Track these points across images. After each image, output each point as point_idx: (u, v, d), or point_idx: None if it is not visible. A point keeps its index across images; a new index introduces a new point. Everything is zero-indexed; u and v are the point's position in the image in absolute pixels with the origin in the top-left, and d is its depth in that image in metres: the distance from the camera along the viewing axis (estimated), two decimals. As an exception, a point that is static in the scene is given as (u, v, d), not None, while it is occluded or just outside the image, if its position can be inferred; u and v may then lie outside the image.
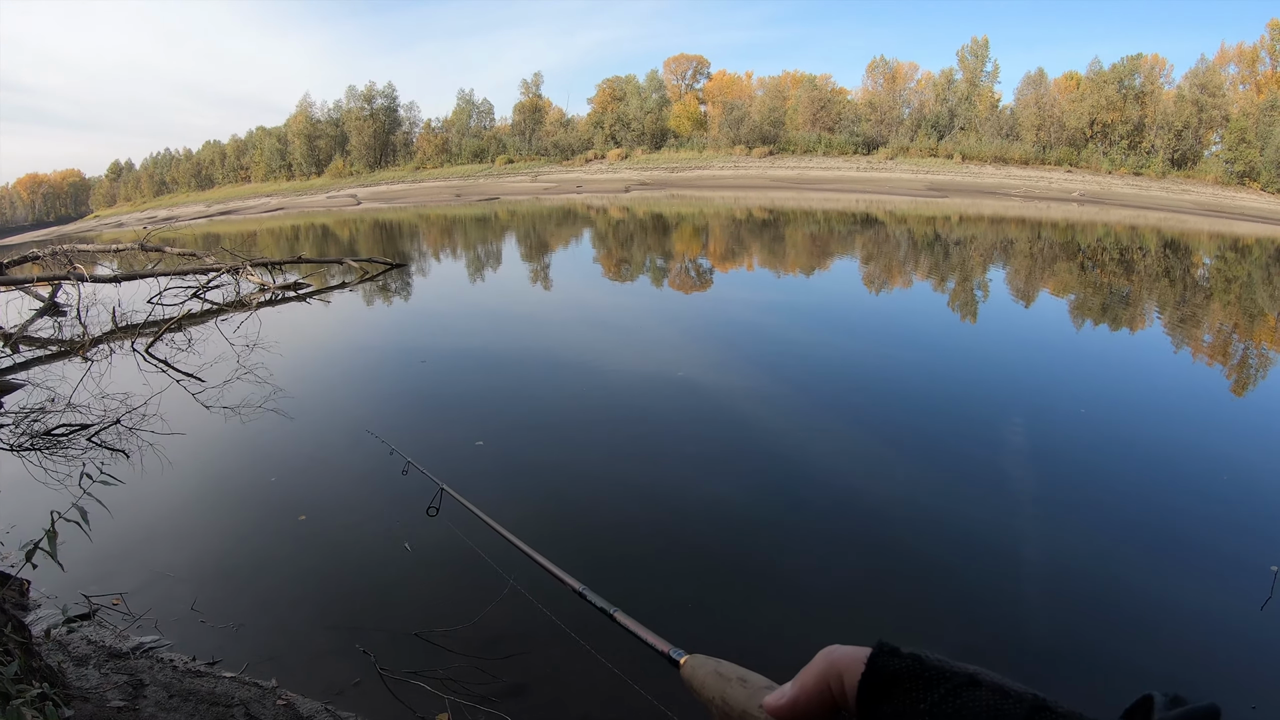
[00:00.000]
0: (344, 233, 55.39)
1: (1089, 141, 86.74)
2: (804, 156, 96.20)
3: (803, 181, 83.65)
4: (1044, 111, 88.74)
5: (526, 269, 31.00)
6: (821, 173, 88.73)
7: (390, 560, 7.46)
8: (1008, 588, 6.75)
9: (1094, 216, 51.40)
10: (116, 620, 6.47)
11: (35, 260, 24.72)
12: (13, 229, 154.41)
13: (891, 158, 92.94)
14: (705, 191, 78.02)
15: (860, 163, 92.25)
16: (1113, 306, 20.73)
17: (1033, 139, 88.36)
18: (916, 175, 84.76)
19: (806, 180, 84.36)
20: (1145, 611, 6.44)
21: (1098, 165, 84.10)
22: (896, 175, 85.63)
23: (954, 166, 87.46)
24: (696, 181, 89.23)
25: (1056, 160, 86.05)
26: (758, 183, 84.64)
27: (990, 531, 7.77)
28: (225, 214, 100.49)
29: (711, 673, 0.83)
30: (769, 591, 6.80)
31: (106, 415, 11.60)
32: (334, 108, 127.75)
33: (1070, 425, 10.90)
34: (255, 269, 23.92)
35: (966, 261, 29.69)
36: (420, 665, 5.67)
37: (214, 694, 5.34)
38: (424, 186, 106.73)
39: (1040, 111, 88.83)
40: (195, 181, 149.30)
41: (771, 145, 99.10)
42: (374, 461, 10.12)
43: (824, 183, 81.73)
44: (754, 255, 32.93)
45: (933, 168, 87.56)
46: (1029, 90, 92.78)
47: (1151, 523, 7.98)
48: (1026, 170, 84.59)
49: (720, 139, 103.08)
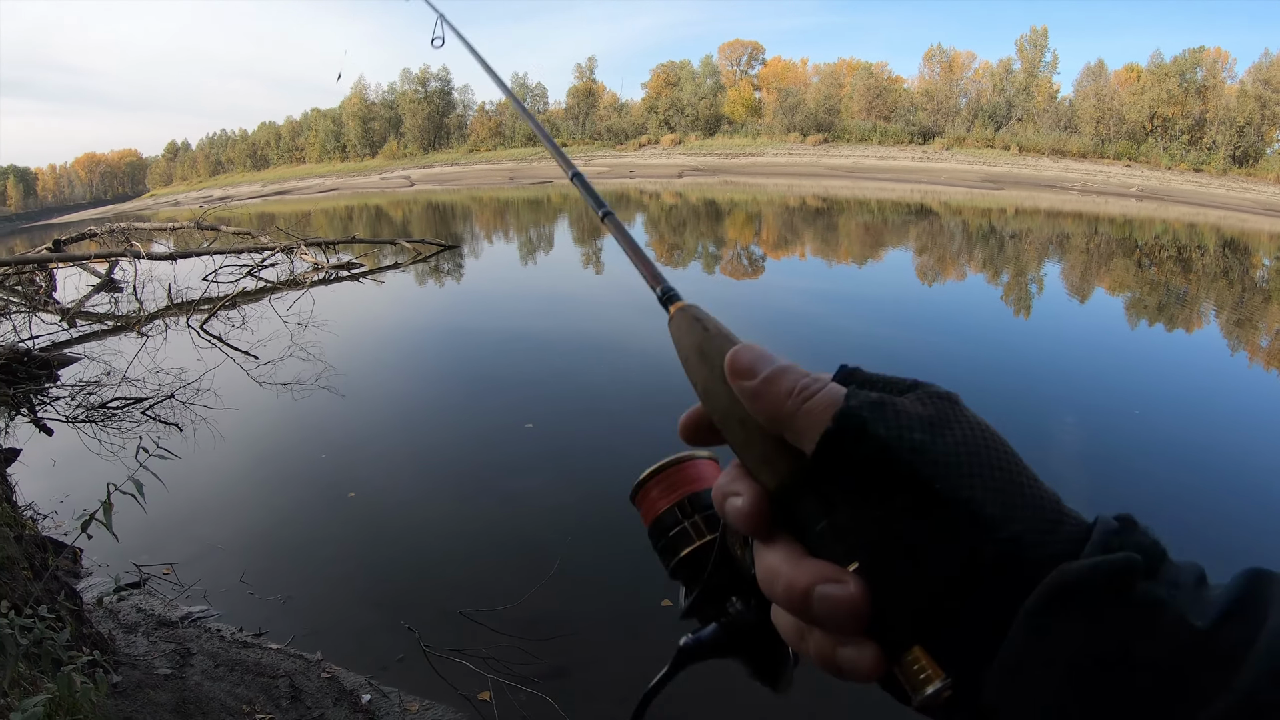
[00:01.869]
0: (397, 214, 55.74)
1: (1148, 136, 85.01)
2: (859, 145, 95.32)
3: (857, 170, 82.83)
4: (1103, 104, 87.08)
5: (578, 253, 31.01)
6: (876, 162, 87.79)
7: (437, 539, 7.49)
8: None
9: (1152, 213, 50.52)
10: (166, 590, 6.54)
11: (93, 237, 25.03)
12: (70, 207, 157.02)
13: (947, 148, 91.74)
14: (758, 179, 77.50)
15: (915, 152, 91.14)
16: (1169, 306, 20.36)
17: (1091, 132, 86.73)
18: (972, 166, 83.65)
19: (861, 169, 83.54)
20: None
21: (1157, 160, 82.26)
22: (952, 166, 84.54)
23: (1010, 158, 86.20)
24: (750, 168, 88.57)
25: (1115, 154, 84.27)
26: (812, 171, 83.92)
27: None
28: (280, 194, 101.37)
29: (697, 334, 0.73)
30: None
31: (161, 390, 11.72)
32: (388, 90, 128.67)
33: (1123, 427, 10.68)
34: (309, 248, 24.08)
35: (1021, 255, 29.29)
36: (464, 644, 5.66)
37: (260, 664, 5.38)
38: (477, 169, 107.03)
39: (1099, 104, 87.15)
40: (250, 162, 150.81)
41: (826, 133, 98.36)
42: (424, 442, 10.18)
43: (878, 172, 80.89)
44: (806, 244, 32.74)
45: (989, 159, 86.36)
46: (1088, 82, 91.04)
47: (1205, 532, 7.77)
48: (1084, 164, 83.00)
49: (775, 126, 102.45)
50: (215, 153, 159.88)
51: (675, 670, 0.86)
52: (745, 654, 0.80)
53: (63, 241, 24.24)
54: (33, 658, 3.80)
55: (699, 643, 0.82)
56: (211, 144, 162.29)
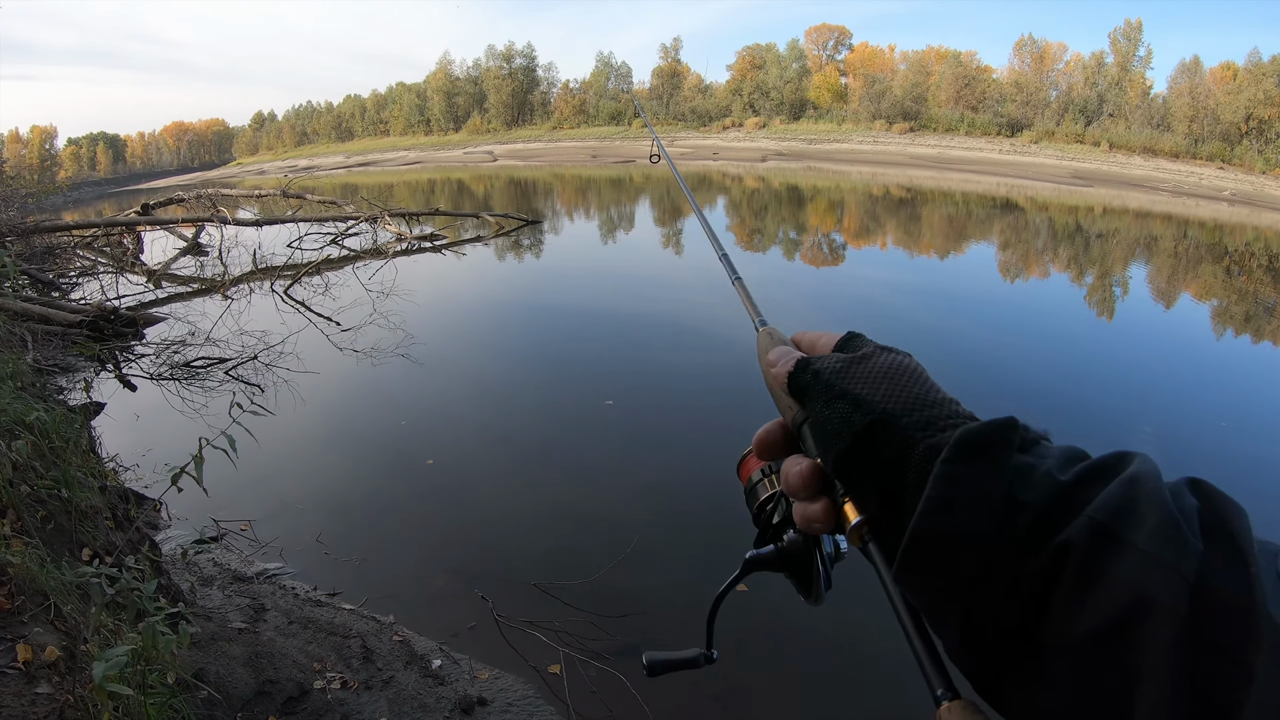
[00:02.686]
0: (479, 188, 56.12)
1: (1244, 138, 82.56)
2: (945, 135, 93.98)
3: (942, 161, 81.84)
4: (1197, 102, 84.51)
5: (658, 234, 30.96)
6: (962, 153, 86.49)
7: (514, 512, 7.48)
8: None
9: (1244, 219, 49.19)
10: (243, 546, 6.62)
11: (180, 202, 25.54)
12: (158, 173, 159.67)
13: (1035, 141, 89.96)
14: (842, 165, 76.92)
15: (1003, 145, 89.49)
16: (1257, 316, 19.82)
17: (1184, 131, 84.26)
18: (1061, 162, 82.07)
19: (946, 160, 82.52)
20: None
21: (1252, 164, 79.58)
22: (1040, 160, 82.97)
23: (1100, 155, 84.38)
24: (834, 155, 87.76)
25: (1208, 155, 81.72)
26: (896, 159, 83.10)
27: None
28: (364, 165, 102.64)
29: (764, 349, 1.04)
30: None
31: (244, 351, 11.91)
32: (473, 66, 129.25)
33: (1209, 439, 10.37)
34: (392, 219, 24.29)
35: (1107, 256, 28.69)
36: (537, 616, 5.66)
37: (332, 624, 5.42)
38: (560, 146, 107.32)
39: (1193, 102, 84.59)
40: (335, 133, 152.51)
41: (912, 122, 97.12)
42: (501, 414, 10.21)
43: (964, 163, 79.81)
44: (888, 233, 32.40)
45: (1078, 154, 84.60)
46: (1182, 79, 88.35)
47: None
48: (1176, 164, 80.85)
49: (860, 113, 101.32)
50: (301, 124, 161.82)
51: (742, 575, 1.17)
52: (790, 570, 1.10)
53: (151, 206, 24.74)
54: (114, 607, 3.81)
55: (759, 556, 1.12)
56: (297, 115, 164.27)
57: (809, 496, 0.87)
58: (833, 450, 0.82)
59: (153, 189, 70.92)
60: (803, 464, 0.88)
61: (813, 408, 0.87)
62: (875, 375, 0.85)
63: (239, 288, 16.98)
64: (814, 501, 0.87)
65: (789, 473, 0.89)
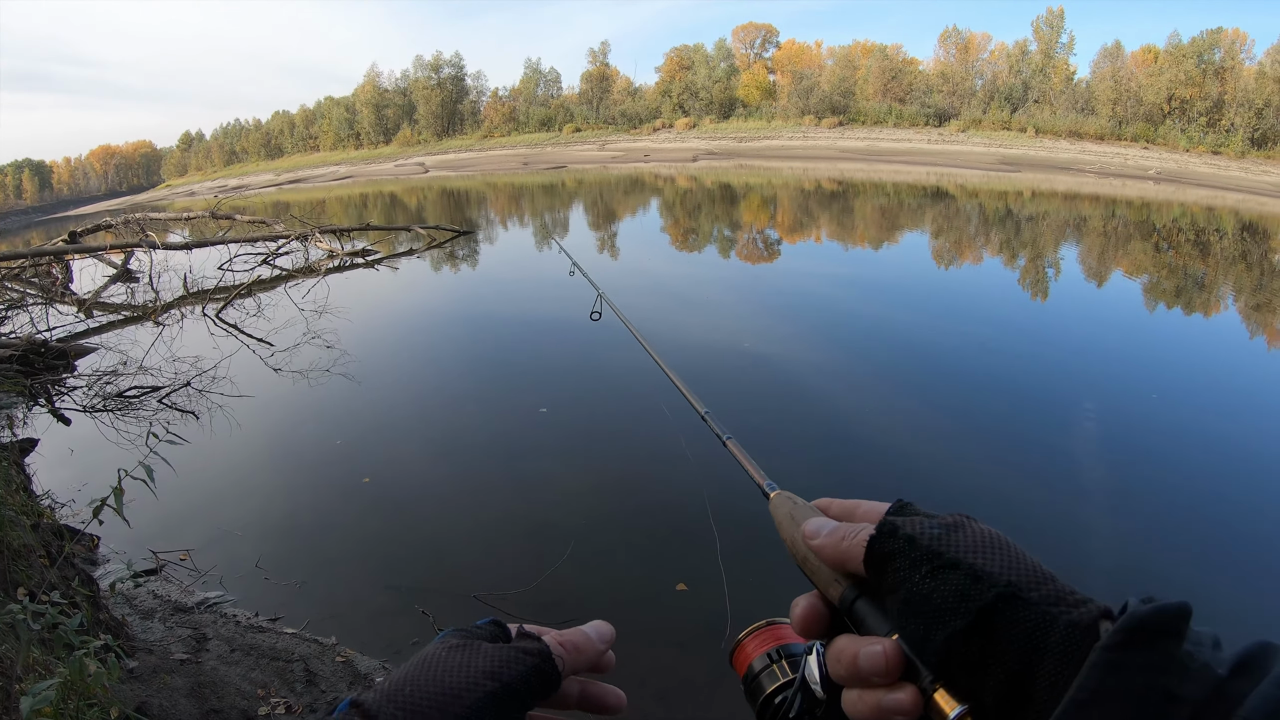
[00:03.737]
0: (412, 200, 55.82)
1: (1166, 118, 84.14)
2: (874, 128, 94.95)
3: (872, 153, 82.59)
4: (1120, 86, 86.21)
5: (594, 237, 30.99)
6: (892, 144, 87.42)
7: (451, 524, 7.53)
8: (1070, 577, 6.60)
9: (1170, 196, 50.16)
10: (183, 576, 6.59)
11: (108, 229, 25.22)
12: (86, 199, 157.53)
13: (963, 130, 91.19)
14: (773, 162, 77.38)
15: (931, 135, 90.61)
16: (1187, 290, 20.23)
17: (1108, 114, 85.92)
18: (989, 149, 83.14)
19: (876, 152, 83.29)
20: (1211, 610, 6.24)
21: (1175, 143, 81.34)
22: (968, 148, 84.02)
23: (1027, 140, 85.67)
24: (765, 151, 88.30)
25: (1133, 136, 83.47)
26: (827, 154, 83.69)
27: (1053, 515, 7.64)
28: (294, 182, 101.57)
29: (786, 514, 0.97)
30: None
31: (177, 378, 11.81)
32: (401, 77, 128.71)
33: (1140, 410, 10.64)
34: (324, 236, 24.15)
35: (1038, 238, 29.16)
36: (478, 628, 5.63)
37: (275, 649, 5.42)
38: (491, 155, 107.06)
39: (1116, 85, 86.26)
40: (265, 151, 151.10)
41: (841, 116, 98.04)
42: (438, 427, 10.25)
43: (894, 155, 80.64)
44: (822, 227, 32.66)
45: (1005, 141, 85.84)
46: (1105, 63, 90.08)
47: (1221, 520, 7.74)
48: (1101, 146, 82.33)
49: (789, 109, 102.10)
50: (229, 142, 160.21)
51: None
52: None
53: (79, 233, 24.37)
54: (47, 643, 3.81)
55: None
56: (225, 134, 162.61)
57: (888, 683, 0.74)
58: (944, 628, 0.70)
59: (81, 215, 70.16)
60: (880, 644, 0.75)
61: (906, 579, 0.75)
62: (983, 544, 0.75)
63: (171, 313, 16.81)
64: (897, 690, 0.74)
65: (856, 655, 0.76)
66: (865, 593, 0.81)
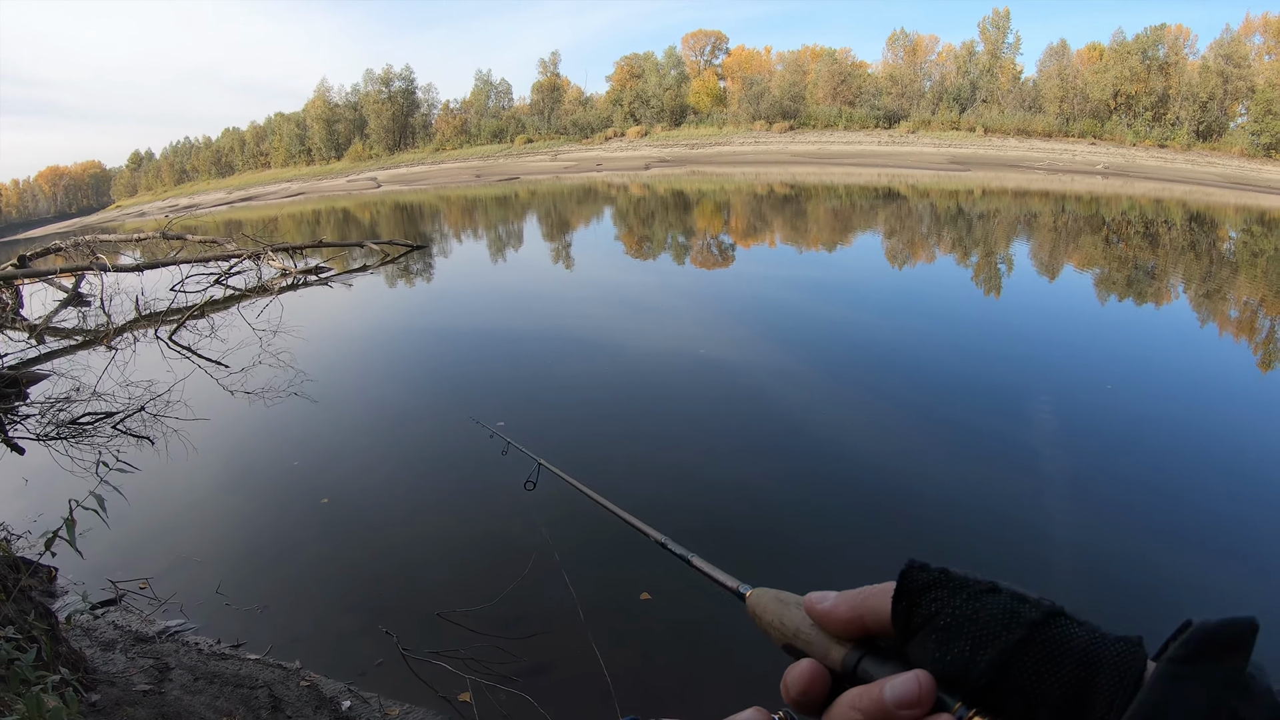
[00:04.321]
0: (365, 216, 55.58)
1: (1113, 113, 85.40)
2: (825, 131, 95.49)
3: (824, 156, 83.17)
4: (1067, 83, 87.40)
5: (548, 248, 31.05)
6: (843, 147, 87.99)
7: (412, 542, 7.51)
8: (1035, 566, 6.72)
9: (1118, 189, 50.89)
10: (143, 605, 6.53)
11: (58, 252, 24.86)
12: (35, 221, 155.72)
13: (913, 131, 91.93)
14: (726, 168, 77.74)
15: (881, 136, 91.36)
16: (1138, 281, 20.54)
17: (1056, 111, 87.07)
18: (939, 149, 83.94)
19: (827, 155, 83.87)
20: (1172, 594, 6.37)
21: (1122, 137, 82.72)
22: (918, 149, 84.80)
23: (976, 139, 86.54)
24: (717, 158, 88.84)
25: (1080, 133, 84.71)
26: (778, 158, 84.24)
27: (1015, 507, 7.75)
28: (246, 200, 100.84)
29: (772, 599, 0.94)
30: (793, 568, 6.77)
31: (131, 403, 11.68)
32: (352, 91, 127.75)
33: (1097, 401, 10.83)
34: (276, 254, 24.01)
35: (990, 236, 29.52)
36: (442, 645, 5.69)
37: (239, 676, 5.39)
38: (444, 168, 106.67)
39: (1063, 83, 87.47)
40: (215, 169, 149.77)
41: (792, 120, 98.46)
42: (396, 444, 10.22)
43: (845, 157, 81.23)
44: (776, 231, 32.88)
45: (955, 140, 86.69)
46: (1051, 62, 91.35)
47: (1179, 501, 7.91)
48: (1050, 143, 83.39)
49: (740, 115, 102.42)
50: (179, 161, 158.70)
51: None
52: None
53: (28, 257, 24.04)
54: (4, 680, 3.80)
55: None
56: (175, 152, 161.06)
57: (920, 714, 0.69)
58: (995, 645, 0.66)
59: (30, 239, 69.07)
60: (909, 673, 0.70)
61: (946, 606, 0.70)
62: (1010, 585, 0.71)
63: (123, 337, 16.63)
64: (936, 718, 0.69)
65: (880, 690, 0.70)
66: (869, 652, 0.79)
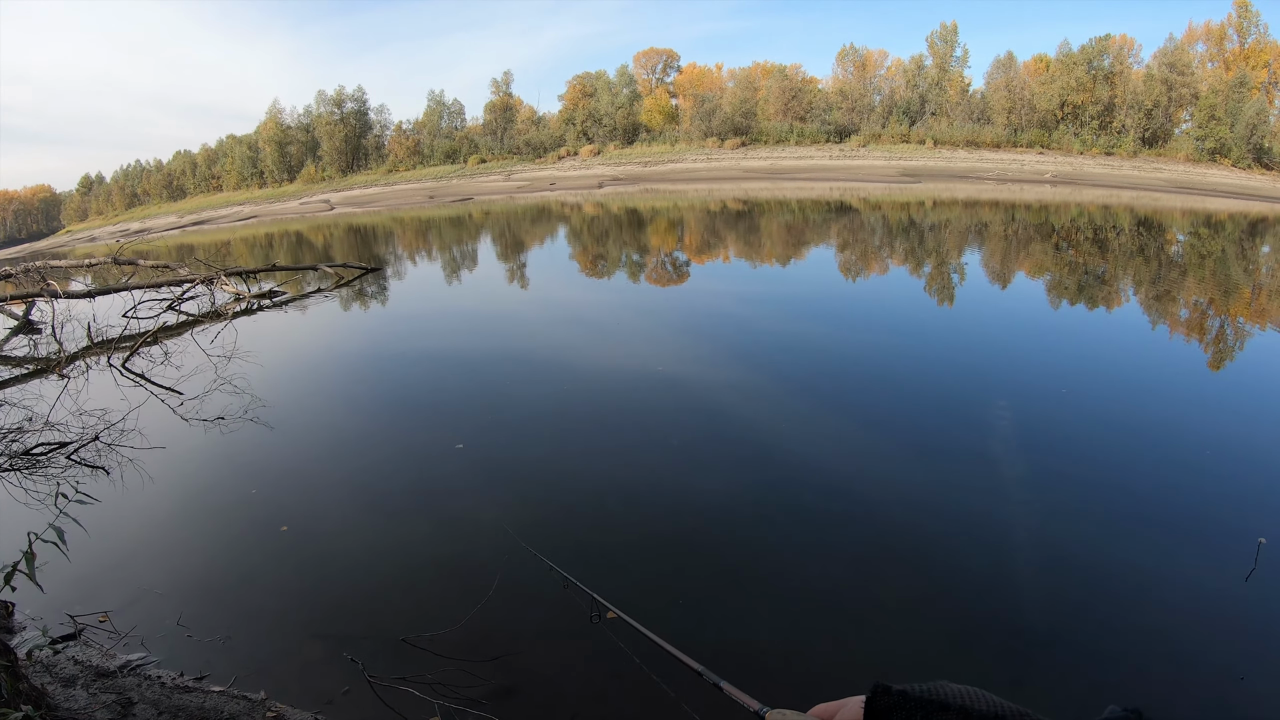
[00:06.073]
0: (318, 238, 55.21)
1: (1060, 123, 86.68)
2: (776, 146, 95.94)
3: (776, 171, 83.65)
4: (1014, 94, 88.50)
5: (502, 269, 30.99)
6: (794, 162, 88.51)
7: (374, 568, 7.47)
8: (998, 569, 6.81)
9: (1067, 197, 51.65)
10: (103, 639, 6.45)
11: (7, 278, 24.55)
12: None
13: (864, 145, 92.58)
14: (679, 185, 77.94)
15: (833, 151, 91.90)
16: (1089, 286, 20.87)
17: (1004, 122, 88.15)
18: (889, 162, 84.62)
19: (780, 170, 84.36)
20: (1132, 586, 6.49)
21: (1069, 146, 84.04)
22: (869, 162, 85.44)
23: (926, 152, 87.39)
24: (670, 175, 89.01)
25: (1028, 143, 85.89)
26: (731, 174, 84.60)
27: (978, 514, 7.85)
28: (198, 224, 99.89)
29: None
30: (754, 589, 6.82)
31: (85, 432, 11.54)
32: (304, 113, 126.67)
33: (1053, 405, 11.02)
34: (230, 278, 23.85)
35: (942, 246, 29.82)
36: (409, 671, 5.67)
37: (203, 709, 5.35)
38: (397, 189, 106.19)
39: (1011, 94, 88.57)
40: (167, 193, 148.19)
41: (744, 136, 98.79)
42: (354, 469, 10.16)
43: (797, 172, 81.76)
44: (730, 247, 32.97)
45: (905, 153, 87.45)
46: (999, 74, 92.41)
47: (1136, 498, 8.06)
48: (999, 153, 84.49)
49: (692, 132, 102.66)
50: (131, 184, 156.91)
51: None
52: None
53: (-25, 284, 23.83)
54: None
55: None
56: (126, 176, 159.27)
57: None
58: None
59: (-24, 266, 68.17)
60: None
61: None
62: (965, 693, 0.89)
63: (76, 365, 16.42)
64: None
65: None
66: None
